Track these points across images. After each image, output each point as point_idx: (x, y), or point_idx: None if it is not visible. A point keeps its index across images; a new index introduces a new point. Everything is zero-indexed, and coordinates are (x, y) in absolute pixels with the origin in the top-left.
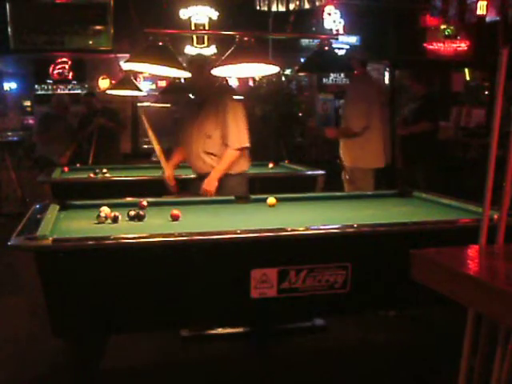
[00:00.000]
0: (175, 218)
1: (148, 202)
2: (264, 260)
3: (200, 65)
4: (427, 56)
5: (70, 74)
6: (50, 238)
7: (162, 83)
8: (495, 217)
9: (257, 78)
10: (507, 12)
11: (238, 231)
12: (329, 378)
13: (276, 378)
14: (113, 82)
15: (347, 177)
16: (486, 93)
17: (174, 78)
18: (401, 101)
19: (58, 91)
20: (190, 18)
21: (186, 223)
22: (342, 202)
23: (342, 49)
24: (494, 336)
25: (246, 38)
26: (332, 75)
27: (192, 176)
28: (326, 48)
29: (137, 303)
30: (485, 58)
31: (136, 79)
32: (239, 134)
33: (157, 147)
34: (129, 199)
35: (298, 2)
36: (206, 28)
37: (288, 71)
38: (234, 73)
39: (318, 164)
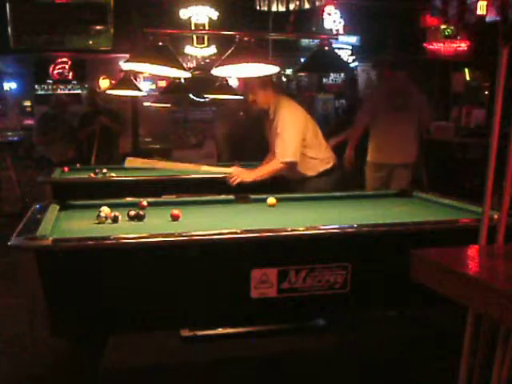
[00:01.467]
0: (175, 218)
1: (148, 202)
2: (264, 260)
3: (263, 81)
4: (427, 56)
5: (70, 74)
6: (50, 238)
7: (162, 83)
8: (495, 217)
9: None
10: (507, 12)
11: (238, 231)
12: (329, 377)
13: (276, 377)
14: (113, 82)
15: None
16: (486, 93)
17: (174, 78)
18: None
19: (58, 91)
20: (190, 18)
21: (186, 223)
22: (342, 201)
23: (342, 49)
24: (494, 336)
25: (246, 38)
26: (332, 75)
27: (192, 176)
28: (326, 48)
29: (137, 303)
30: (485, 58)
31: (136, 79)
32: (284, 148)
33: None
34: (129, 199)
35: (298, 2)
36: (206, 28)
37: (288, 71)
38: (234, 73)
39: None
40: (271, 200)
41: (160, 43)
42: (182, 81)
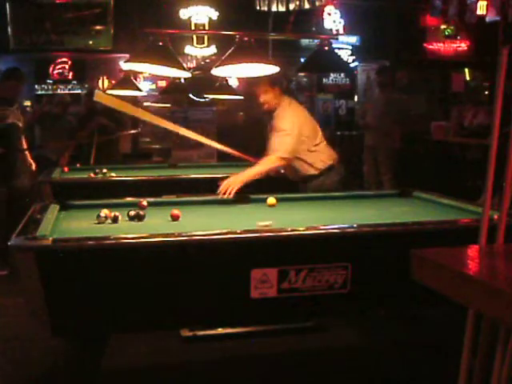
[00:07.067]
0: (175, 218)
1: (148, 202)
2: (264, 260)
3: (272, 80)
4: (427, 56)
5: (70, 74)
6: (50, 238)
7: (162, 83)
8: (495, 217)
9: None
10: (507, 12)
11: (238, 231)
12: (329, 377)
13: (276, 378)
14: (113, 82)
15: None
16: (486, 93)
17: (174, 78)
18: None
19: (58, 91)
20: (190, 18)
21: (185, 223)
22: (342, 201)
23: (342, 49)
24: (494, 336)
25: (246, 38)
26: (332, 75)
27: (192, 176)
28: (326, 48)
29: (137, 303)
30: (485, 58)
31: (136, 79)
32: (279, 144)
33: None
34: (129, 199)
35: (298, 2)
36: (206, 28)
37: (288, 71)
38: (233, 73)
39: None
40: (271, 200)
41: (160, 43)
42: (182, 81)
